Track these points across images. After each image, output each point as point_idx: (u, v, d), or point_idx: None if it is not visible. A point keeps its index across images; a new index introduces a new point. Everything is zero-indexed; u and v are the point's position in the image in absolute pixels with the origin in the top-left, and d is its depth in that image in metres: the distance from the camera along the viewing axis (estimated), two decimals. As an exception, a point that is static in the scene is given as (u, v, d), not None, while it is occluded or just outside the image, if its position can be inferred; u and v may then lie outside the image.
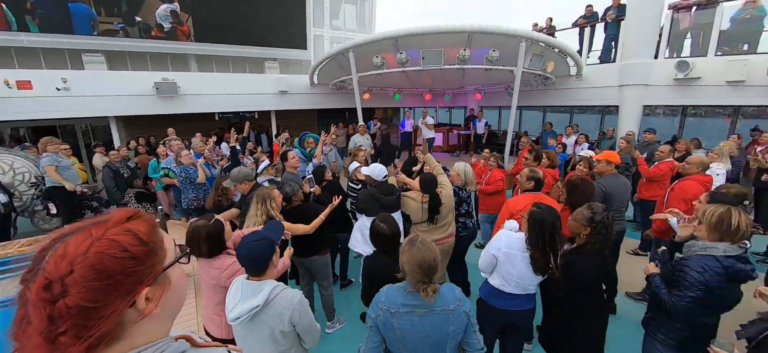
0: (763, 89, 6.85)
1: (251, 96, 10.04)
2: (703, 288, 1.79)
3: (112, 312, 0.55)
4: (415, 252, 1.54)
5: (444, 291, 1.59)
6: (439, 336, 1.55)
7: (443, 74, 9.08)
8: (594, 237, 2.02)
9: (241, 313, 1.56)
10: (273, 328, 1.61)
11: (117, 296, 0.56)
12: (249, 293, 1.59)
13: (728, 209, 1.81)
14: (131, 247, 0.58)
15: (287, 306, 1.60)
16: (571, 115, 10.78)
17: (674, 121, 9.47)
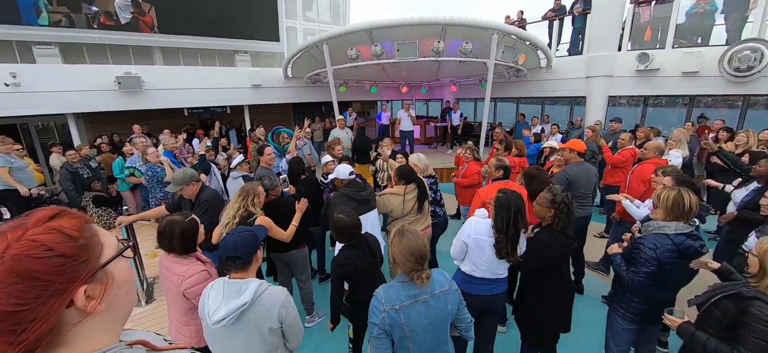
0: (714, 79, 7.34)
1: (223, 90, 9.68)
2: (655, 263, 1.93)
3: (45, 314, 0.52)
4: (406, 242, 1.58)
5: (435, 275, 1.66)
6: (442, 318, 1.62)
7: (419, 66, 9.12)
8: (557, 217, 2.16)
9: (229, 313, 1.47)
10: (261, 326, 1.55)
11: (48, 296, 0.53)
12: (233, 292, 1.52)
13: (680, 192, 1.95)
14: (57, 245, 0.55)
15: (275, 303, 1.58)
16: (542, 106, 11.15)
17: (637, 110, 9.98)
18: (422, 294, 1.58)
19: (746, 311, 1.50)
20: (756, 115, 7.26)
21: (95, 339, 0.60)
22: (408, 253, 1.55)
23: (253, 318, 1.54)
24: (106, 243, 0.64)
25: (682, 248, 1.90)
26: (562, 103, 11.34)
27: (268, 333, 1.58)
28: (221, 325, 1.49)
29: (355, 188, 3.06)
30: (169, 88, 8.82)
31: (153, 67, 9.19)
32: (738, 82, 7.01)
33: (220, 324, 1.48)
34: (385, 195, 3.17)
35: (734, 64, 6.86)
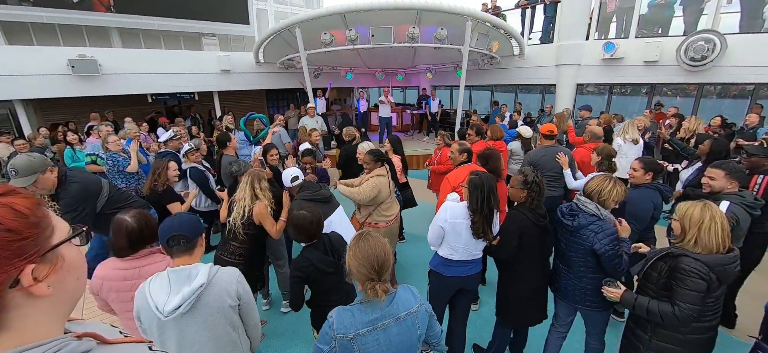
0: (672, 68, 7.77)
1: (190, 75, 9.19)
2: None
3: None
4: (362, 245, 1.35)
5: (402, 293, 1.42)
6: (409, 345, 1.39)
7: (395, 52, 9.04)
8: (530, 196, 2.27)
9: (184, 298, 1.40)
10: (221, 305, 1.50)
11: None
12: (183, 278, 1.44)
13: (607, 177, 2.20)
14: (6, 220, 0.53)
15: (230, 280, 1.55)
16: (515, 94, 11.42)
17: (604, 98, 10.43)
18: (383, 319, 1.34)
19: (677, 267, 1.70)
20: (708, 104, 7.78)
21: (40, 325, 0.56)
22: (363, 259, 1.32)
23: (211, 301, 1.48)
24: (57, 227, 0.61)
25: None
26: (534, 91, 11.66)
27: (230, 311, 1.54)
28: (177, 314, 1.41)
29: (310, 190, 2.89)
30: (130, 72, 8.26)
31: (111, 50, 8.57)
32: (693, 71, 7.45)
33: (175, 313, 1.40)
34: (371, 180, 3.13)
35: (690, 54, 7.27)
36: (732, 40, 6.95)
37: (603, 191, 2.10)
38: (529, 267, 2.37)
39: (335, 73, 11.26)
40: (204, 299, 1.47)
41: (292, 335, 3.17)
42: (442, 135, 4.73)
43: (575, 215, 2.15)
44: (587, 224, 2.09)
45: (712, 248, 1.65)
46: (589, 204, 2.11)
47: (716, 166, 2.57)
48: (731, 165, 2.54)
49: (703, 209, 1.69)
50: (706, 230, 1.65)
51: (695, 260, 1.65)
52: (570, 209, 2.21)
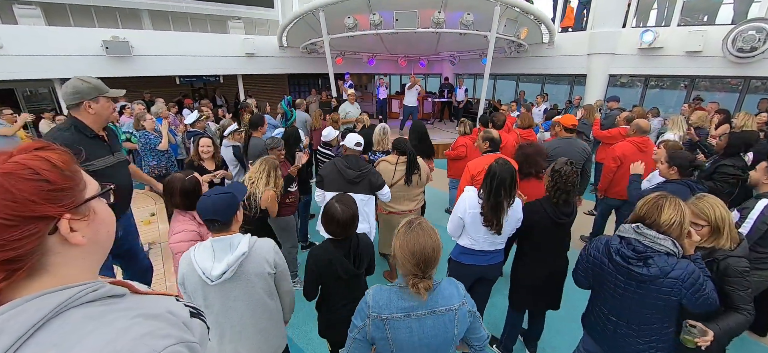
0: (716, 60, 7.23)
1: (215, 58, 9.38)
2: (587, 256, 1.85)
3: (28, 235, 0.53)
4: (410, 236, 1.26)
5: (445, 287, 1.34)
6: (443, 340, 1.30)
7: (418, 38, 8.86)
8: (554, 186, 2.14)
9: (229, 265, 1.50)
10: (260, 272, 1.63)
11: (32, 219, 0.54)
12: (225, 247, 1.55)
13: (663, 196, 1.70)
14: (43, 171, 0.56)
15: (268, 249, 1.66)
16: (542, 84, 11.00)
17: (636, 92, 9.88)
18: (419, 309, 1.28)
19: (727, 272, 1.62)
20: (754, 100, 7.21)
21: (76, 271, 0.60)
22: (408, 251, 1.25)
23: (251, 267, 1.60)
24: (89, 182, 0.66)
25: (609, 249, 1.70)
26: (563, 82, 11.19)
27: (268, 278, 1.67)
28: (222, 280, 1.52)
29: (346, 163, 2.89)
30: (160, 54, 8.52)
31: (142, 32, 8.84)
32: (740, 63, 6.91)
33: (222, 278, 1.51)
34: (381, 161, 3.17)
35: (738, 44, 6.73)
36: (788, 29, 6.37)
37: (684, 222, 1.52)
38: (539, 258, 2.34)
39: (358, 58, 11.19)
40: (245, 266, 1.58)
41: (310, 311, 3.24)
42: (464, 122, 4.64)
43: (647, 259, 1.55)
44: (669, 271, 1.51)
45: (737, 239, 1.65)
46: (665, 241, 1.52)
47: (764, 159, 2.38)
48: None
49: (722, 204, 1.67)
50: (731, 223, 1.63)
51: (739, 258, 1.61)
52: (635, 250, 1.58)
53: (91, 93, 2.02)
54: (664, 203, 1.55)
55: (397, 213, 3.22)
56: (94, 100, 2.03)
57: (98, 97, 2.05)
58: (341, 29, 7.40)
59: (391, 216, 3.24)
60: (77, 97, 1.98)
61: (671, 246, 1.51)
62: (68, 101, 2.00)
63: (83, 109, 2.01)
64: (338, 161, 2.94)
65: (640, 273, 1.55)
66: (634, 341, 1.67)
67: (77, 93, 1.98)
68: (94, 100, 2.03)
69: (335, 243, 1.92)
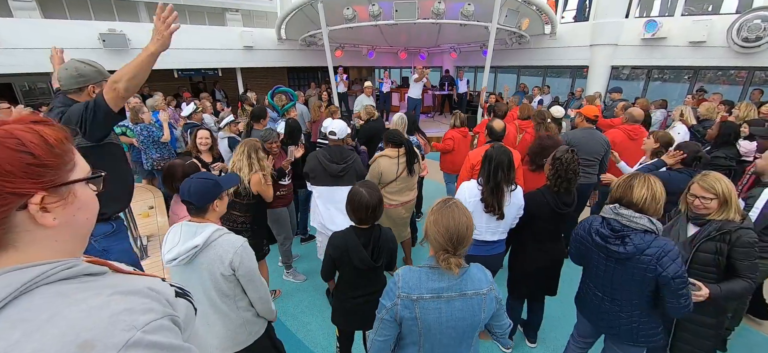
0: (720, 50, 7.12)
1: (213, 51, 9.26)
2: (575, 235, 1.94)
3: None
4: (445, 213, 1.29)
5: (474, 272, 1.36)
6: (469, 323, 1.33)
7: (418, 30, 8.75)
8: (554, 174, 2.14)
9: (180, 254, 1.50)
10: (213, 271, 1.56)
11: (4, 190, 0.51)
12: (190, 234, 1.54)
13: (635, 176, 1.76)
14: (30, 144, 0.53)
15: (228, 249, 1.56)
16: (544, 77, 10.89)
17: (638, 84, 9.78)
18: (449, 291, 1.29)
19: (739, 243, 1.68)
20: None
21: (46, 252, 0.57)
22: (443, 228, 1.27)
23: (205, 263, 1.55)
24: (78, 164, 0.63)
25: (591, 229, 1.78)
26: (564, 75, 11.08)
27: (221, 279, 1.58)
28: (173, 264, 1.53)
29: (329, 156, 2.84)
30: (157, 47, 8.41)
31: (139, 25, 8.74)
32: (745, 53, 6.81)
33: (172, 263, 1.53)
34: (379, 157, 3.11)
35: (743, 34, 6.63)
36: (794, 18, 6.26)
37: (656, 197, 1.59)
38: (537, 248, 2.35)
39: (357, 51, 11.08)
40: (199, 259, 1.55)
41: (309, 304, 3.23)
42: (455, 114, 4.57)
43: (624, 237, 1.62)
44: (645, 247, 1.57)
45: (742, 213, 1.73)
46: (641, 220, 1.59)
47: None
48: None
49: (724, 178, 1.75)
50: (736, 196, 1.72)
51: (748, 229, 1.68)
52: (613, 229, 1.67)
53: (97, 77, 1.86)
54: (634, 182, 1.64)
55: (399, 206, 3.19)
56: (98, 84, 1.86)
57: (102, 82, 1.88)
58: (340, 21, 7.30)
59: (393, 209, 3.20)
60: (81, 81, 1.82)
61: (647, 223, 1.58)
62: (69, 85, 1.82)
63: (87, 94, 1.85)
64: (321, 154, 2.87)
65: (617, 251, 1.63)
66: (617, 315, 1.77)
67: (82, 76, 1.82)
68: (98, 85, 1.86)
69: (357, 231, 1.89)
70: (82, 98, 1.84)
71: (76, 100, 1.83)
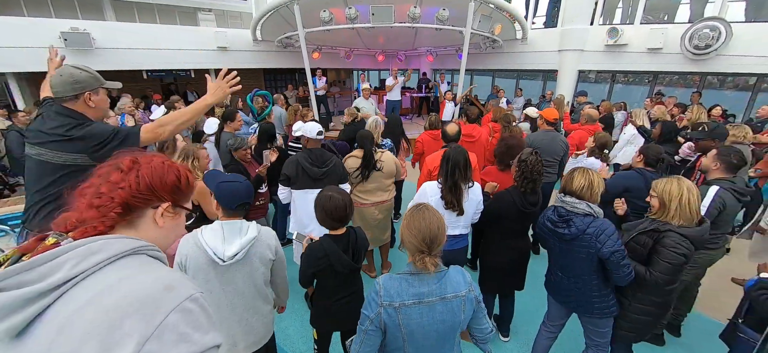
0: (676, 56, 7.65)
1: (186, 52, 8.99)
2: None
3: (147, 198, 0.83)
4: (417, 216, 1.36)
5: (452, 275, 1.40)
6: (450, 325, 1.37)
7: (395, 33, 8.87)
8: (520, 174, 2.28)
9: (242, 246, 1.63)
10: (263, 257, 1.75)
11: (157, 193, 0.84)
12: (236, 231, 1.65)
13: (577, 169, 1.97)
14: (182, 176, 0.90)
15: (270, 236, 1.79)
16: (517, 80, 11.28)
17: (604, 87, 10.34)
18: (430, 295, 1.33)
19: (661, 241, 1.82)
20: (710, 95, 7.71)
21: (149, 238, 0.84)
22: (417, 231, 1.32)
23: (257, 251, 1.72)
24: (189, 203, 0.98)
25: (547, 217, 2.03)
26: (536, 78, 11.52)
27: (268, 263, 1.79)
28: (233, 261, 1.62)
29: (310, 159, 2.80)
30: (125, 47, 8.08)
31: (105, 23, 8.35)
32: (697, 59, 7.35)
33: (234, 259, 1.62)
34: (349, 157, 3.18)
35: (694, 42, 7.15)
36: (737, 28, 6.83)
37: (593, 185, 1.84)
38: (506, 245, 2.47)
39: (335, 53, 11.07)
40: (253, 249, 1.70)
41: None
42: (429, 116, 4.66)
43: (568, 221, 1.87)
44: (585, 228, 1.83)
45: (690, 218, 1.80)
46: (580, 205, 1.85)
47: (719, 146, 2.59)
48: (726, 148, 2.54)
49: (679, 183, 1.83)
50: (686, 203, 1.79)
51: (679, 235, 1.77)
52: (559, 215, 1.92)
53: (93, 83, 1.78)
54: (574, 174, 1.90)
55: (371, 205, 3.24)
56: (95, 91, 1.80)
57: (98, 88, 1.82)
58: (317, 23, 7.28)
59: (365, 209, 3.25)
60: (78, 87, 1.73)
61: (586, 207, 1.84)
62: (64, 92, 1.72)
63: (83, 101, 1.76)
64: (301, 157, 2.85)
65: (562, 233, 1.89)
66: (575, 290, 2.00)
67: (78, 83, 1.73)
68: (94, 91, 1.80)
69: (334, 238, 1.88)
70: (78, 106, 1.77)
71: (73, 108, 1.76)
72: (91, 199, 0.78)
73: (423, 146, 4.14)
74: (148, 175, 0.82)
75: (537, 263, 3.32)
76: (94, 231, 0.74)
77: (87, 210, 0.77)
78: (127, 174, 0.81)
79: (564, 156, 3.74)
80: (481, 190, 2.47)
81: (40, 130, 1.73)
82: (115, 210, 0.77)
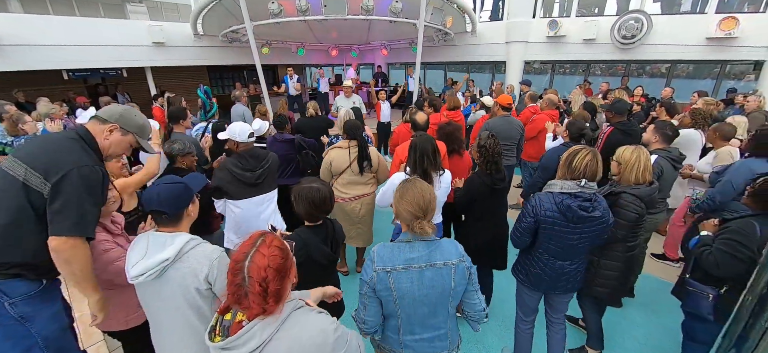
0: (607, 46, 8.40)
1: (115, 48, 8.05)
2: (532, 218, 1.92)
3: (287, 284, 1.07)
4: (409, 188, 1.44)
5: (445, 244, 1.46)
6: (441, 292, 1.42)
7: (349, 26, 8.72)
8: (483, 158, 2.39)
9: (147, 269, 1.31)
10: (186, 287, 1.37)
11: (285, 277, 1.05)
12: (158, 245, 1.35)
13: (574, 150, 1.92)
14: (284, 253, 1.06)
15: (202, 261, 1.38)
16: (468, 72, 11.68)
17: (546, 78, 11.10)
18: (419, 261, 1.40)
19: (617, 203, 2.05)
20: (634, 82, 8.61)
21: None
22: (412, 201, 1.40)
23: (176, 278, 1.36)
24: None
25: (563, 207, 1.83)
26: (485, 70, 12.06)
27: (196, 295, 1.39)
28: (140, 280, 1.34)
29: (241, 164, 2.53)
30: (38, 43, 7.01)
31: (9, 16, 7.15)
32: (624, 48, 8.14)
33: (138, 280, 1.34)
34: (332, 149, 3.06)
35: (622, 32, 7.91)
36: (656, 20, 7.65)
37: (596, 168, 1.87)
38: (482, 226, 2.52)
39: (286, 48, 10.62)
40: (169, 274, 1.36)
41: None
42: (409, 109, 4.68)
43: (592, 201, 1.84)
44: (601, 205, 1.87)
45: (642, 180, 2.05)
46: (594, 186, 1.86)
47: (655, 124, 2.91)
48: (661, 122, 2.90)
49: (634, 150, 2.09)
50: (639, 167, 2.05)
51: (631, 195, 2.02)
52: (585, 199, 1.83)
53: None
54: (593, 160, 1.86)
55: (352, 199, 3.12)
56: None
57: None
58: (265, 15, 6.90)
59: (346, 203, 3.12)
60: None
61: (597, 187, 1.91)
62: None
63: None
64: (229, 163, 2.57)
65: (592, 215, 1.83)
66: (568, 269, 2.00)
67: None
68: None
69: (313, 229, 1.79)
70: None
71: None
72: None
73: (399, 137, 4.16)
74: (274, 282, 1.03)
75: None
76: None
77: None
78: None
79: (520, 139, 3.92)
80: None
81: None
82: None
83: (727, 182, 2.57)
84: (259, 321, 1.01)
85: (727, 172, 2.63)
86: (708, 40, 7.26)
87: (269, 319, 1.01)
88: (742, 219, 1.89)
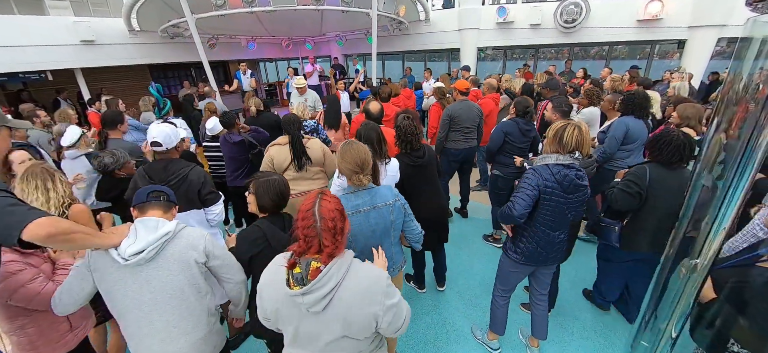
0: (552, 31, 8.86)
1: (35, 49, 7.15)
2: (536, 190, 1.96)
3: (347, 228, 1.25)
4: (349, 149, 1.73)
5: (382, 190, 1.82)
6: (384, 226, 1.82)
7: (301, 18, 8.44)
8: (398, 139, 2.52)
9: (149, 243, 1.35)
10: (187, 259, 1.45)
11: (345, 219, 1.24)
12: (150, 227, 1.40)
13: (564, 125, 1.99)
14: (339, 202, 1.25)
15: (197, 236, 1.52)
16: (425, 61, 11.81)
17: (499, 64, 11.52)
18: (364, 206, 1.74)
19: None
20: (578, 65, 9.18)
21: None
22: (350, 159, 1.69)
23: (175, 253, 1.43)
24: None
25: (560, 177, 1.93)
26: (442, 58, 12.25)
27: (195, 268, 1.47)
28: (136, 259, 1.33)
29: (151, 174, 2.25)
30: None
31: None
32: (566, 32, 8.62)
33: (136, 257, 1.33)
34: (267, 151, 2.93)
35: (563, 17, 8.37)
36: (593, 3, 8.17)
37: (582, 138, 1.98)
38: (421, 202, 2.44)
39: (235, 42, 10.08)
40: (168, 250, 1.41)
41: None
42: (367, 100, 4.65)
43: (581, 173, 1.99)
44: (585, 175, 2.01)
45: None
46: (579, 156, 1.99)
47: (551, 101, 3.24)
48: (557, 99, 3.22)
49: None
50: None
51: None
52: (577, 174, 1.95)
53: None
54: (566, 130, 1.98)
55: (298, 195, 3.01)
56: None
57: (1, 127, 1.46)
58: (208, 7, 6.46)
59: (292, 199, 3.00)
60: None
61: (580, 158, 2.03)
62: None
63: None
64: (139, 174, 2.31)
65: (583, 184, 1.97)
66: (556, 238, 2.09)
67: None
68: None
69: (267, 219, 1.81)
70: None
71: None
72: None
73: (356, 128, 4.14)
74: (340, 222, 1.24)
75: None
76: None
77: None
78: None
79: (480, 121, 4.02)
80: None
81: None
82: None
83: (611, 137, 3.20)
84: (334, 264, 1.14)
85: (610, 129, 3.26)
86: (638, 22, 7.89)
87: (340, 261, 1.15)
88: (639, 165, 2.30)
